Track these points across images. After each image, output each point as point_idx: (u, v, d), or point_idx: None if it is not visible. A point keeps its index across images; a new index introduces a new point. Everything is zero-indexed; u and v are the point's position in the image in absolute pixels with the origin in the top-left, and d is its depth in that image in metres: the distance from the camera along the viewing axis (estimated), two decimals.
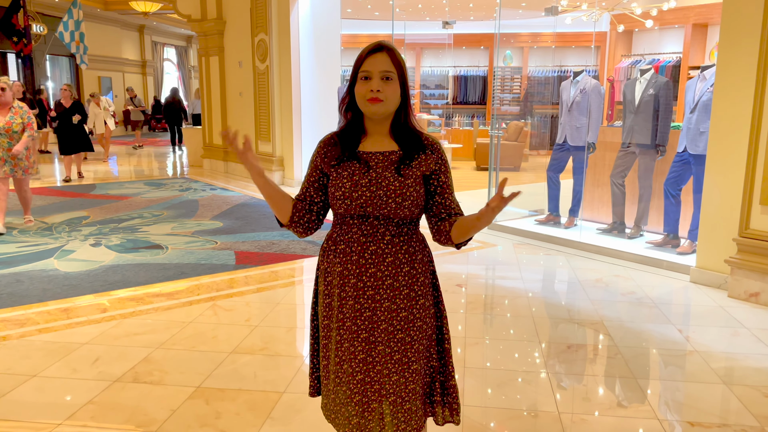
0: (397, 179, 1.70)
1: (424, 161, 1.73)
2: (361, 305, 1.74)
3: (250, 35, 9.83)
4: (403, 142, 1.75)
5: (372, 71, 1.69)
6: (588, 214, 6.53)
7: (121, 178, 10.52)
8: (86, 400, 2.83)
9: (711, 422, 2.69)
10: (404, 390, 1.76)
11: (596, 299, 4.33)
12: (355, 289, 1.74)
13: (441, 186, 1.76)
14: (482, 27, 14.05)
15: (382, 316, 1.74)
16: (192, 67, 24.93)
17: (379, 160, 1.73)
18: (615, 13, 10.49)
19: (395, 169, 1.71)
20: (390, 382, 1.75)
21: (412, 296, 1.76)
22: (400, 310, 1.75)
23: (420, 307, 1.77)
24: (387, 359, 1.75)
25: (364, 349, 1.75)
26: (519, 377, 3.12)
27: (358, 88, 1.71)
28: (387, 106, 1.70)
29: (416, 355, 1.76)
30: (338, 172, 1.74)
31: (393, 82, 1.70)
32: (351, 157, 1.75)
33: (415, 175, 1.71)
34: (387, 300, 1.73)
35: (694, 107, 5.07)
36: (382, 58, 1.70)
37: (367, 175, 1.71)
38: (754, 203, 4.21)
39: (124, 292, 4.38)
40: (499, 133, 6.82)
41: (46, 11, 16.09)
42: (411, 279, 1.76)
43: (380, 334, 1.74)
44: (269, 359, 3.31)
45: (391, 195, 1.69)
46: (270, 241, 5.88)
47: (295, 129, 9.35)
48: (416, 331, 1.76)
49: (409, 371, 1.76)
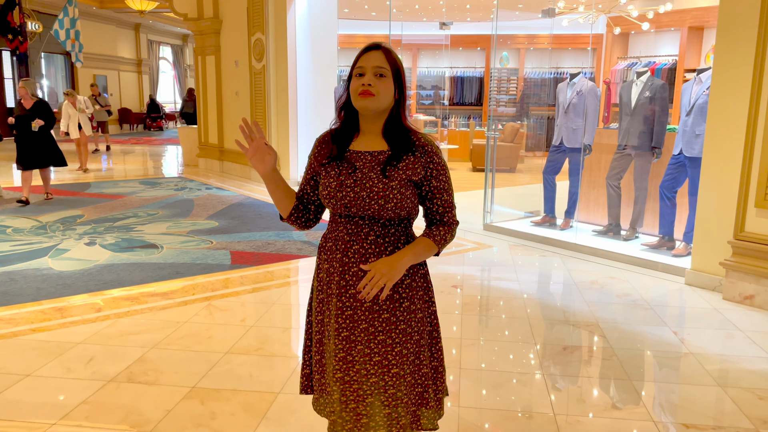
0: (382, 181, 1.69)
1: (412, 164, 1.71)
2: (343, 303, 1.74)
3: (246, 34, 9.81)
4: (394, 143, 1.73)
5: (365, 67, 1.70)
6: (584, 215, 6.54)
7: (115, 177, 10.48)
8: (80, 400, 2.82)
9: (705, 424, 2.70)
10: (384, 394, 1.75)
11: (591, 301, 4.33)
12: (338, 287, 1.75)
13: (431, 191, 1.75)
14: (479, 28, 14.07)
15: (362, 316, 1.73)
16: (188, 66, 24.89)
17: (366, 161, 1.72)
18: (611, 15, 10.52)
19: (381, 170, 1.70)
20: (368, 383, 1.74)
21: (395, 298, 1.74)
22: (382, 311, 1.73)
23: (404, 310, 1.75)
24: (366, 360, 1.74)
25: (344, 348, 1.75)
26: (514, 378, 3.12)
27: (353, 84, 1.72)
28: (378, 101, 1.70)
29: (397, 358, 1.74)
30: (327, 170, 1.76)
31: (386, 79, 1.70)
32: (340, 156, 1.75)
33: (400, 178, 1.69)
34: (368, 301, 1.72)
35: (690, 110, 5.08)
36: (377, 56, 1.71)
37: (353, 175, 1.71)
38: (749, 206, 4.22)
39: (118, 291, 4.36)
40: (496, 134, 6.82)
41: (42, 9, 16.03)
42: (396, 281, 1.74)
43: (360, 334, 1.74)
44: (264, 359, 3.30)
45: (373, 197, 1.68)
46: (266, 241, 5.87)
47: (291, 129, 9.34)
48: (399, 334, 1.74)
49: (389, 374, 1.74)
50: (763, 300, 4.17)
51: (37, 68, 17.63)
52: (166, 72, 24.43)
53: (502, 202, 7.17)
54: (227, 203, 7.94)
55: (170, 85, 24.84)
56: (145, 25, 21.82)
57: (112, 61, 20.66)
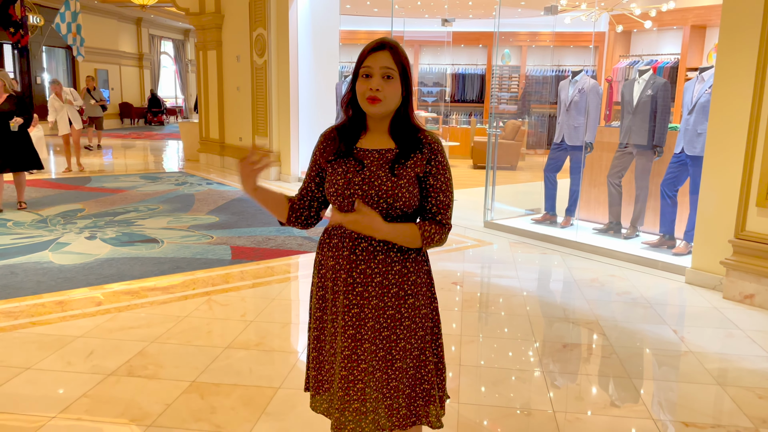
0: (390, 179, 1.69)
1: (419, 161, 1.71)
2: (350, 301, 1.74)
3: (248, 30, 9.80)
4: (401, 141, 1.73)
5: (373, 68, 1.68)
6: (584, 213, 6.54)
7: (116, 171, 10.48)
8: (80, 394, 2.82)
9: (705, 423, 2.70)
10: (386, 386, 1.76)
11: (591, 299, 4.33)
12: (345, 285, 1.74)
13: (429, 188, 1.73)
14: (481, 25, 14.03)
15: (369, 313, 1.74)
16: (189, 60, 24.86)
17: (374, 158, 1.72)
18: (614, 13, 10.50)
19: (389, 168, 1.70)
20: (374, 378, 1.76)
21: (401, 295, 1.75)
22: (388, 308, 1.74)
23: (409, 307, 1.76)
24: (372, 356, 1.75)
25: (349, 346, 1.75)
26: (513, 376, 3.13)
27: (359, 85, 1.70)
28: (386, 105, 1.70)
29: (401, 353, 1.76)
30: (334, 168, 1.75)
31: (394, 80, 1.69)
32: (348, 154, 1.74)
33: (409, 176, 1.70)
34: (375, 297, 1.73)
35: (692, 109, 5.08)
36: (384, 56, 1.68)
37: (361, 173, 1.70)
38: (751, 205, 4.22)
39: (119, 285, 4.36)
40: (497, 131, 6.81)
41: (43, 2, 16.01)
42: (401, 278, 1.75)
43: (366, 332, 1.74)
44: (264, 354, 3.31)
45: (382, 195, 1.68)
46: (266, 237, 5.87)
47: (293, 124, 9.34)
48: (403, 330, 1.76)
49: (392, 368, 1.76)
50: (763, 299, 4.17)
51: (38, 62, 17.61)
52: (168, 67, 24.40)
53: (502, 199, 7.16)
54: (228, 198, 7.94)
55: (171, 80, 24.81)
56: (146, 20, 21.79)
57: (114, 56, 20.63)
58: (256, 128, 9.94)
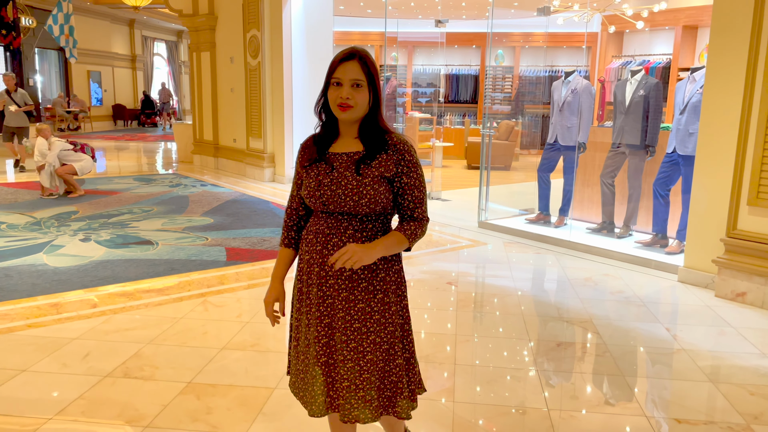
0: (355, 178, 1.80)
1: (385, 162, 1.83)
2: (324, 293, 1.87)
3: (242, 31, 9.79)
4: (368, 143, 1.84)
5: (343, 78, 1.78)
6: (578, 213, 6.57)
7: (109, 173, 10.45)
8: (76, 396, 2.82)
9: (697, 419, 2.73)
10: (359, 378, 1.86)
11: (585, 298, 4.36)
12: (318, 278, 1.87)
13: (403, 187, 1.85)
14: (474, 26, 14.06)
15: (340, 305, 1.85)
16: (182, 62, 24.79)
17: (342, 161, 1.84)
18: (606, 14, 10.55)
19: (355, 168, 1.82)
20: (345, 368, 1.85)
21: (370, 290, 1.86)
22: (358, 301, 1.85)
23: (378, 302, 1.86)
24: (344, 346, 1.86)
25: (326, 334, 1.88)
26: (508, 375, 3.15)
27: (331, 93, 1.81)
28: (356, 112, 1.81)
29: (372, 346, 1.86)
30: (308, 172, 1.89)
31: (362, 89, 1.79)
32: (320, 159, 1.88)
33: (373, 175, 1.81)
34: (345, 290, 1.85)
35: (684, 108, 5.11)
36: (353, 67, 1.79)
37: (330, 174, 1.83)
38: (742, 204, 4.25)
39: (114, 287, 4.36)
40: (491, 132, 6.84)
41: (36, 4, 15.94)
42: (371, 273, 1.86)
43: (338, 322, 1.86)
44: (260, 355, 3.32)
45: (348, 193, 1.80)
46: (261, 238, 5.87)
47: (287, 126, 9.34)
48: (373, 323, 1.86)
49: (364, 360, 1.85)
50: (754, 297, 4.20)
51: (30, 64, 17.52)
52: (161, 68, 24.33)
53: (496, 199, 7.19)
54: (222, 200, 7.93)
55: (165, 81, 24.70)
56: (139, 21, 21.72)
57: (107, 57, 20.56)
58: (250, 129, 9.93)
